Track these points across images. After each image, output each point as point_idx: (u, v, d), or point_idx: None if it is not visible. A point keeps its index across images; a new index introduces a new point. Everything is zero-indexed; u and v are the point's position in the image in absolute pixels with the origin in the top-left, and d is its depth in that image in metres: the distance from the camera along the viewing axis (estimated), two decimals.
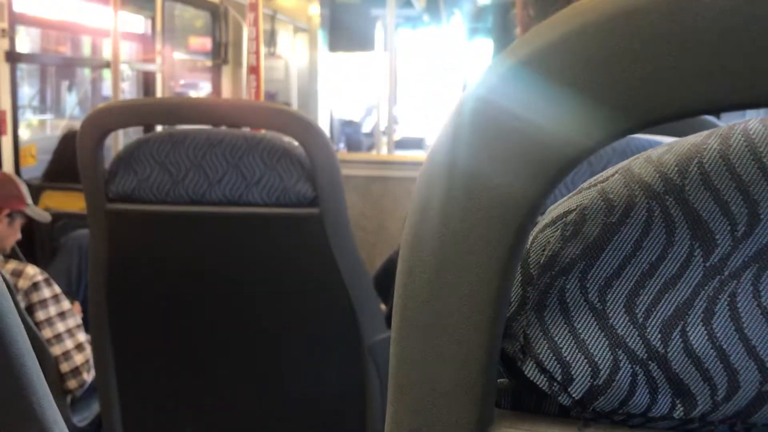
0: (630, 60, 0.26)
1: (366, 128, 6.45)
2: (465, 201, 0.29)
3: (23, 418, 0.37)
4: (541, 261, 0.32)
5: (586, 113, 0.27)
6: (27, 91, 5.31)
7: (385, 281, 1.59)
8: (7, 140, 2.85)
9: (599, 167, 0.97)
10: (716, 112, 0.27)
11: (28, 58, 3.79)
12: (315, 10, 4.41)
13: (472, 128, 0.29)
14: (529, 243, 0.33)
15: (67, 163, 2.85)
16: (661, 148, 0.32)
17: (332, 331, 1.34)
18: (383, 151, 3.99)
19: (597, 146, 0.27)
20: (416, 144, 6.14)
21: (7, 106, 2.81)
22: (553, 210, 0.33)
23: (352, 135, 6.55)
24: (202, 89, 5.20)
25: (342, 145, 6.01)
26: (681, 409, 0.32)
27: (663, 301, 0.31)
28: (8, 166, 2.84)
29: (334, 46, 4.95)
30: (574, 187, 0.35)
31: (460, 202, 0.29)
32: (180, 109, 1.27)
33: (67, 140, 2.93)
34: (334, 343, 1.35)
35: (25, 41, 4.75)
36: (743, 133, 0.30)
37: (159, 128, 2.72)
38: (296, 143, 1.25)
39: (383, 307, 1.48)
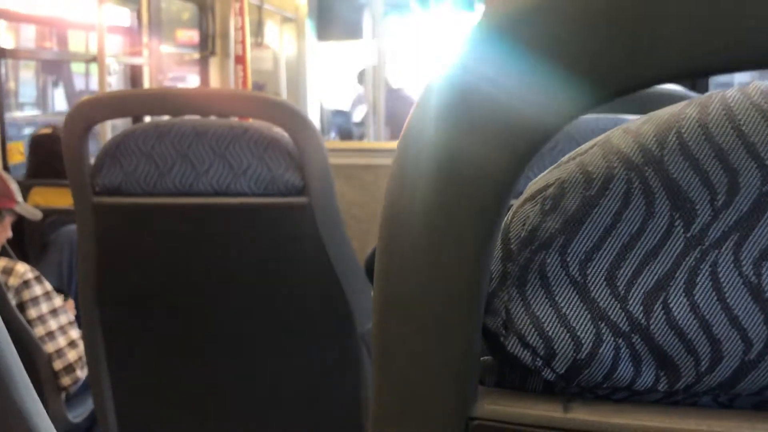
0: (603, 26, 0.25)
1: (356, 117, 6.42)
2: (440, 178, 0.29)
3: (3, 410, 0.36)
4: (522, 236, 0.32)
5: (560, 83, 0.26)
6: (12, 88, 5.28)
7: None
8: None
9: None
10: (697, 77, 0.26)
11: (13, 53, 3.75)
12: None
13: (444, 104, 0.28)
14: (509, 218, 0.33)
15: (42, 163, 2.84)
16: (640, 119, 0.32)
17: (324, 320, 1.34)
18: (373, 140, 3.99)
19: (572, 116, 0.27)
20: None
21: None
22: (533, 185, 0.33)
23: (343, 125, 6.52)
24: (190, 82, 5.17)
25: (333, 135, 5.99)
26: (665, 381, 0.32)
27: (644, 273, 0.31)
28: None
29: (322, 35, 4.93)
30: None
31: (436, 179, 0.29)
32: (167, 100, 1.26)
33: (37, 143, 2.91)
34: (326, 332, 1.35)
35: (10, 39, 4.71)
36: (722, 101, 0.30)
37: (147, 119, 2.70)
38: (283, 132, 1.24)
39: None
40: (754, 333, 0.30)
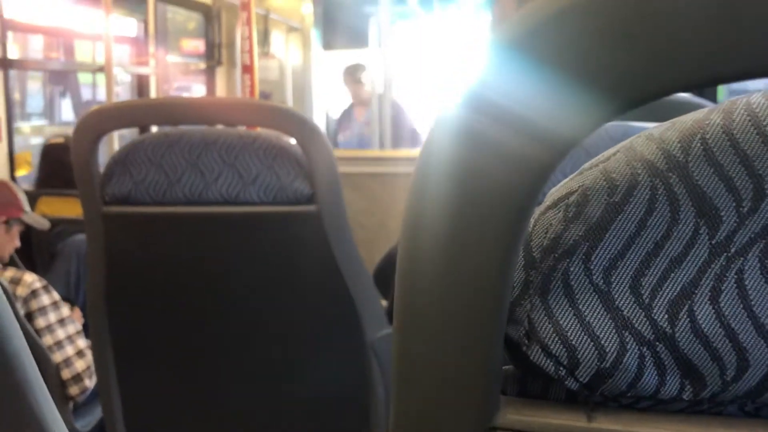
0: (619, 38, 0.25)
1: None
2: (461, 191, 0.29)
3: (21, 417, 0.36)
4: (544, 244, 0.32)
5: (578, 95, 0.26)
6: (19, 98, 5.31)
7: (384, 276, 1.58)
8: (2, 147, 2.84)
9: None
10: (708, 86, 0.26)
11: (20, 64, 3.77)
12: (308, 9, 4.40)
13: (465, 117, 0.28)
14: (532, 226, 0.33)
15: (52, 172, 2.85)
16: (663, 125, 0.32)
17: (333, 329, 1.34)
18: (378, 148, 3.99)
19: (590, 129, 0.27)
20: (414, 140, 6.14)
21: (1, 113, 2.81)
22: (555, 192, 0.33)
23: None
24: (195, 92, 5.19)
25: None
26: (690, 390, 0.31)
27: (669, 281, 0.30)
28: (3, 174, 2.84)
29: (328, 44, 4.95)
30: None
31: (457, 193, 0.29)
32: (175, 109, 1.27)
33: (48, 151, 2.93)
34: (335, 341, 1.35)
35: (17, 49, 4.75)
36: (746, 107, 0.29)
37: (154, 129, 2.72)
38: (292, 141, 1.24)
39: (384, 302, 1.48)
40: None
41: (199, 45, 4.69)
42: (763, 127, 0.29)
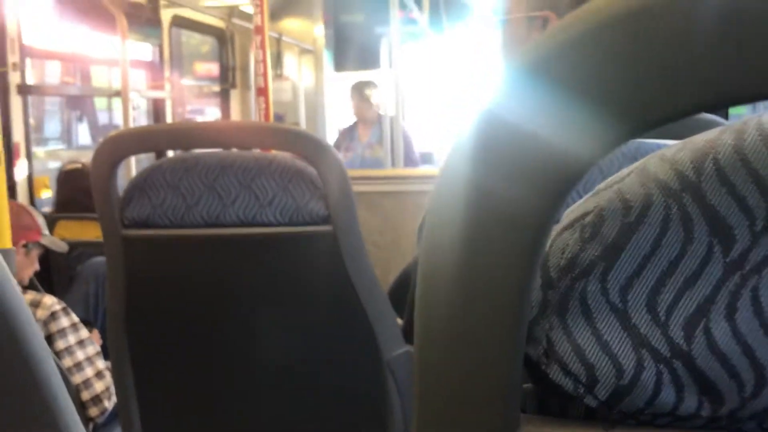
0: (633, 61, 0.26)
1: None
2: (479, 214, 0.30)
3: None
4: (561, 264, 0.32)
5: (592, 118, 0.27)
6: (36, 123, 5.38)
7: (400, 295, 1.58)
8: (21, 172, 2.88)
9: (610, 174, 0.96)
10: (722, 108, 0.27)
11: (39, 90, 3.84)
12: (320, 31, 4.45)
13: (481, 141, 0.29)
14: (548, 246, 0.33)
15: (70, 198, 2.88)
16: (675, 146, 0.32)
17: (350, 348, 1.34)
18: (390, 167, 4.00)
19: (605, 150, 0.27)
20: (425, 159, 6.16)
21: (20, 138, 2.85)
22: (571, 213, 0.34)
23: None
24: (210, 114, 5.25)
25: None
26: (708, 406, 0.32)
27: (684, 299, 0.31)
28: (23, 198, 2.87)
29: (339, 65, 4.99)
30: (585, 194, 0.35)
31: (474, 216, 0.30)
32: (191, 134, 1.29)
33: (65, 176, 2.96)
34: (352, 360, 1.35)
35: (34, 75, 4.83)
36: (757, 126, 0.30)
37: (170, 153, 2.75)
38: (307, 162, 1.26)
39: (400, 321, 1.48)
40: None
41: (213, 68, 4.75)
42: None
